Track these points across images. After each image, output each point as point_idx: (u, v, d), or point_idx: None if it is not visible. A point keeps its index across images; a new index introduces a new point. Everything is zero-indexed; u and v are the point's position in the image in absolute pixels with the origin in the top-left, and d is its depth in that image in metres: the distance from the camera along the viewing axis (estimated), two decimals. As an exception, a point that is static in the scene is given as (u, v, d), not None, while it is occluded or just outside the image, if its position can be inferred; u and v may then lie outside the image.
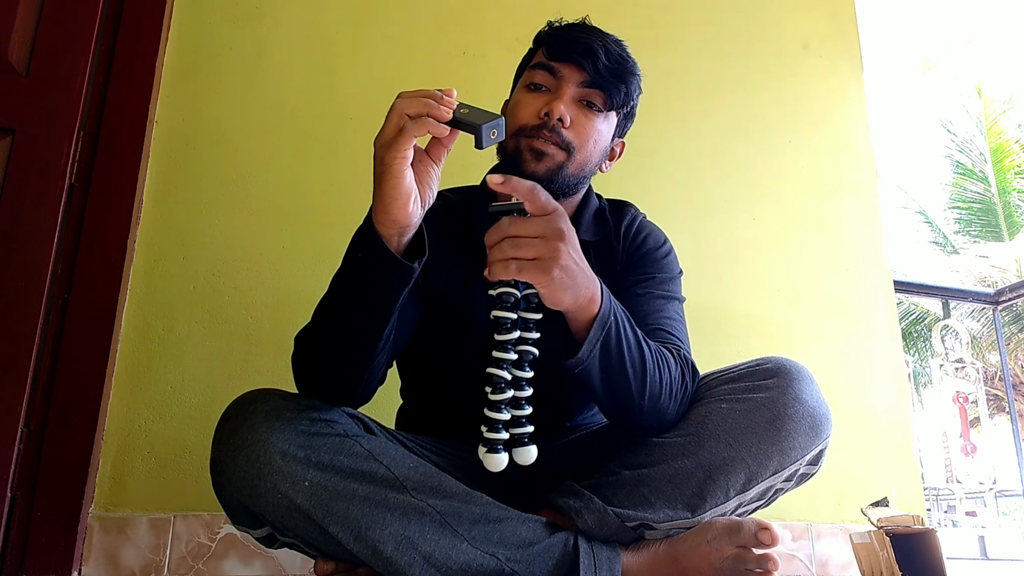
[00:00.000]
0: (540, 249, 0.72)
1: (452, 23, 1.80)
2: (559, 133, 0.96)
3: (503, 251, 0.72)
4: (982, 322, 10.41)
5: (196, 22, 1.62)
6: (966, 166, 12.09)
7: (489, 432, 0.78)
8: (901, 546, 1.16)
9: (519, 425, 0.80)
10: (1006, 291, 3.00)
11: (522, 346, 0.79)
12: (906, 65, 10.59)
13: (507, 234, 0.72)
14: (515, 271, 0.72)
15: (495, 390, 0.79)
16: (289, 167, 1.60)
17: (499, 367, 0.78)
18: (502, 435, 0.79)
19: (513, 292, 0.78)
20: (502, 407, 0.79)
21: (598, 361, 0.82)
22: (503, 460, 0.78)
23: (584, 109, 0.99)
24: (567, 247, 0.74)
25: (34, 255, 1.34)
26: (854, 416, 1.81)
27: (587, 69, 0.97)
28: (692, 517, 0.88)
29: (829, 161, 2.03)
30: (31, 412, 1.30)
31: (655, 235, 1.11)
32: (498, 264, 0.73)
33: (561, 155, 0.97)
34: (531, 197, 0.74)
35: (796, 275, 1.90)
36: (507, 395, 0.78)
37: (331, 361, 0.85)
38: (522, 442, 0.80)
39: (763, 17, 2.09)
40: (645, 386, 0.85)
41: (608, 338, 0.82)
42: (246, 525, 0.87)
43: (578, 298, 0.78)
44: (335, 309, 0.84)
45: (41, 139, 1.39)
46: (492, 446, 0.78)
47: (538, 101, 0.98)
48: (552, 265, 0.73)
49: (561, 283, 0.74)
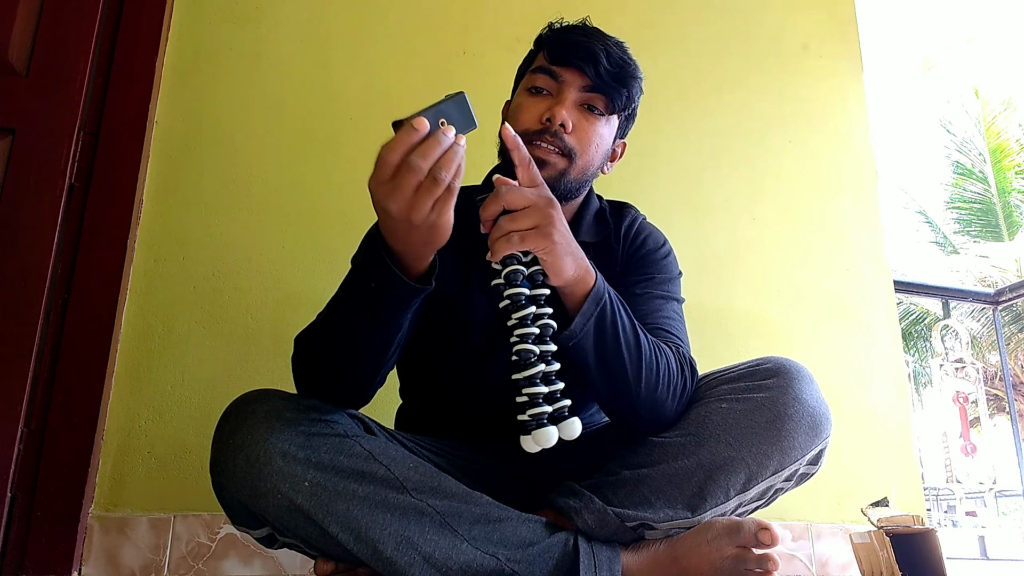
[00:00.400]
0: (536, 217, 0.76)
1: (452, 23, 1.80)
2: (561, 139, 0.96)
3: (501, 228, 0.75)
4: (982, 322, 10.41)
5: (196, 22, 1.62)
6: (965, 166, 12.09)
7: (531, 409, 0.77)
8: (901, 546, 1.16)
9: (556, 400, 0.79)
10: (1006, 291, 3.00)
11: (540, 320, 0.79)
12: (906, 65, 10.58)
13: (502, 202, 0.76)
14: (518, 241, 0.75)
15: (526, 365, 0.78)
16: (289, 167, 1.60)
17: (525, 342, 0.78)
18: (545, 408, 0.77)
19: (520, 269, 0.79)
20: (537, 382, 0.78)
21: (592, 337, 0.82)
22: (553, 434, 0.77)
23: (586, 113, 0.99)
24: (558, 213, 0.78)
25: (34, 255, 1.34)
26: (854, 416, 1.81)
27: (589, 73, 0.97)
28: (692, 517, 0.88)
29: (829, 161, 2.03)
30: (31, 412, 1.30)
31: (655, 236, 1.11)
32: (500, 240, 0.75)
33: (563, 162, 0.97)
34: (527, 167, 0.78)
35: (796, 275, 1.90)
36: (539, 368, 0.78)
37: (333, 367, 0.85)
38: (563, 416, 0.79)
39: (763, 17, 2.09)
40: (641, 372, 0.85)
41: (603, 314, 0.83)
42: (246, 525, 0.87)
43: (578, 266, 0.81)
44: (341, 318, 0.83)
45: (41, 139, 1.39)
46: (539, 421, 0.77)
47: (539, 106, 0.98)
48: (551, 229, 0.76)
49: (562, 248, 0.78)
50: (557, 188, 0.97)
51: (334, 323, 0.84)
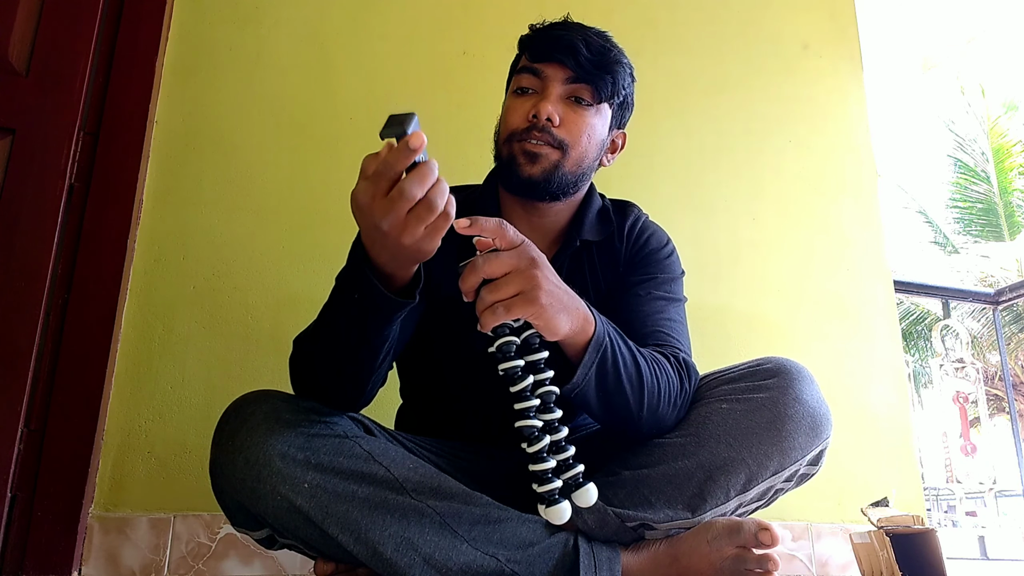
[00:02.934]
0: (518, 283, 0.70)
1: (452, 23, 1.80)
2: (550, 133, 0.96)
3: (484, 300, 0.70)
4: (982, 322, 10.41)
5: (196, 22, 1.62)
6: (968, 165, 12.09)
7: (541, 487, 0.73)
8: (901, 546, 1.16)
9: (568, 468, 0.74)
10: (1006, 291, 3.00)
11: (540, 388, 0.75)
12: (906, 65, 10.58)
13: (482, 274, 0.70)
14: (503, 313, 0.70)
15: (531, 442, 0.73)
16: (289, 167, 1.60)
17: (526, 417, 0.73)
18: (555, 484, 0.73)
19: (512, 340, 0.73)
20: (545, 456, 0.73)
21: (594, 384, 0.81)
22: (566, 510, 0.73)
23: (573, 105, 0.98)
24: (543, 272, 0.72)
25: (34, 255, 1.34)
26: (854, 416, 1.81)
27: (569, 65, 0.97)
28: (692, 517, 0.88)
29: (829, 161, 2.03)
30: (31, 412, 1.30)
31: (658, 235, 1.11)
32: (486, 313, 0.70)
33: (556, 154, 0.97)
34: (500, 232, 0.71)
35: (796, 275, 1.90)
36: (545, 442, 0.73)
37: (326, 372, 0.85)
38: (578, 483, 0.74)
39: (763, 17, 2.09)
40: (643, 400, 0.85)
41: (604, 359, 0.81)
42: (246, 527, 0.87)
43: (573, 320, 0.76)
44: (330, 325, 0.83)
45: (41, 139, 1.39)
46: (550, 498, 0.72)
47: (525, 104, 0.98)
48: (537, 293, 0.71)
49: (552, 308, 0.72)
50: (552, 182, 0.97)
51: (324, 332, 0.84)
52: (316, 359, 0.85)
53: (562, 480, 0.73)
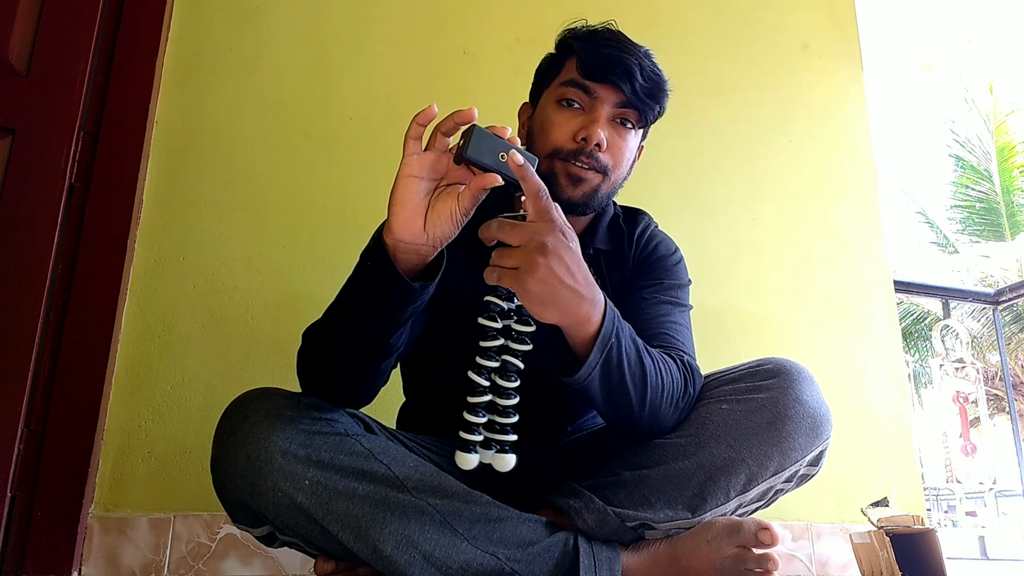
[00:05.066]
0: (519, 259, 0.71)
1: (452, 23, 1.80)
2: (596, 158, 0.96)
3: (492, 258, 0.73)
4: (982, 322, 10.41)
5: (196, 22, 1.62)
6: (970, 164, 12.08)
7: (464, 432, 0.76)
8: (901, 546, 1.16)
9: (502, 432, 0.77)
10: (1006, 291, 3.00)
11: (507, 355, 0.77)
12: (906, 65, 10.59)
13: (494, 236, 0.72)
14: (496, 278, 0.72)
15: (473, 394, 0.76)
16: (289, 167, 1.60)
17: (478, 373, 0.77)
18: (476, 437, 0.76)
19: (497, 302, 0.76)
20: (478, 411, 0.76)
21: (598, 381, 0.82)
22: (473, 460, 0.75)
23: (618, 127, 0.99)
24: (548, 260, 0.70)
25: (34, 255, 1.34)
26: (854, 416, 1.81)
27: (625, 91, 0.96)
28: (692, 517, 0.88)
29: (829, 161, 2.03)
30: (31, 412, 1.30)
31: (666, 243, 1.12)
32: (488, 268, 0.73)
33: (597, 178, 0.98)
34: (535, 197, 0.72)
35: (796, 275, 1.90)
36: (484, 399, 0.76)
37: (334, 365, 0.85)
38: (503, 449, 0.77)
39: (763, 17, 2.09)
40: (645, 400, 0.85)
41: (609, 359, 0.81)
42: (246, 524, 0.87)
43: (565, 315, 0.75)
44: (342, 314, 0.83)
45: (41, 139, 1.39)
46: (465, 447, 0.76)
47: (572, 122, 0.97)
48: (527, 277, 0.70)
49: (539, 297, 0.72)
50: (590, 205, 0.98)
51: (337, 316, 0.84)
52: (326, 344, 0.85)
53: (486, 437, 0.76)
